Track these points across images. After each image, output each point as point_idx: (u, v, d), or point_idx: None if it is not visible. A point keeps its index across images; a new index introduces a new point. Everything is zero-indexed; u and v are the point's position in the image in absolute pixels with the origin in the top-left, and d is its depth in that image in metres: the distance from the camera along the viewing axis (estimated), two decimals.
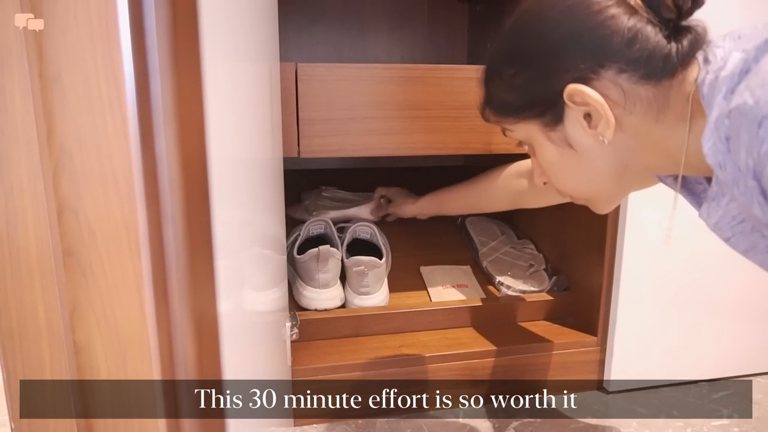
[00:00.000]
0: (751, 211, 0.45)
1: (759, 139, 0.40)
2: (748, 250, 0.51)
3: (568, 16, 0.50)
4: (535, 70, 0.52)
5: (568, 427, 0.87)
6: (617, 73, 0.49)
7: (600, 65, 0.49)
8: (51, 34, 0.31)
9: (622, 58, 0.48)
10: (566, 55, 0.50)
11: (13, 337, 0.36)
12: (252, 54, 0.54)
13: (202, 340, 0.36)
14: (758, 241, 0.50)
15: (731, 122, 0.42)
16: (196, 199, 0.35)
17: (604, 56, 0.48)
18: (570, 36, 0.50)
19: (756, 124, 0.40)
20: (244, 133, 0.50)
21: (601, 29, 0.48)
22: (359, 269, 0.95)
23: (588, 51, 0.49)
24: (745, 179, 0.42)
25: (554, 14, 0.51)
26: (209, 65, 0.35)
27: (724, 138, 0.43)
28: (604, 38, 0.48)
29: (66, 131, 0.32)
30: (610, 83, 0.49)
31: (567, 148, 0.54)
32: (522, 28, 0.54)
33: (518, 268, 1.10)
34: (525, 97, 0.54)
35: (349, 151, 0.85)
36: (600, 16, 0.48)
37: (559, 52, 0.50)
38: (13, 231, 0.35)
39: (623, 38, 0.48)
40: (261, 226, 0.60)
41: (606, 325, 0.95)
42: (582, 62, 0.49)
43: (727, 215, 0.49)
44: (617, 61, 0.48)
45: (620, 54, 0.48)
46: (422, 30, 1.49)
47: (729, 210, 0.49)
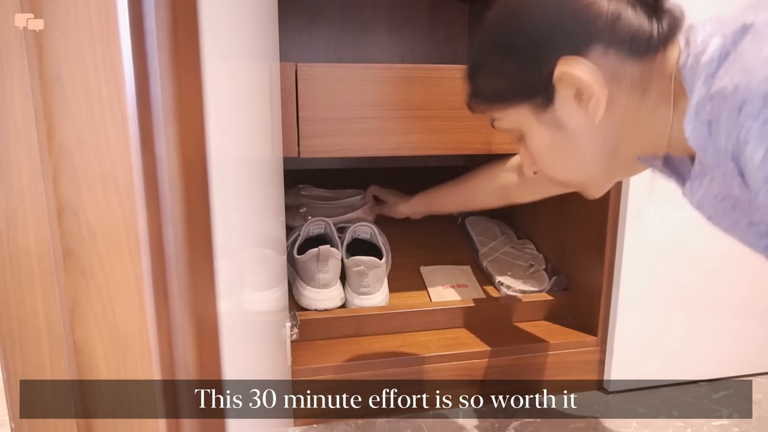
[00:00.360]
0: (731, 190, 0.46)
1: (738, 125, 0.40)
2: (730, 227, 0.52)
3: (550, 1, 0.51)
4: (523, 56, 0.53)
5: (568, 427, 0.87)
6: (605, 49, 0.50)
7: (587, 44, 0.50)
8: (51, 34, 0.31)
9: (607, 37, 0.49)
10: (553, 39, 0.51)
11: (13, 337, 0.36)
12: (252, 54, 0.54)
13: (202, 340, 0.36)
14: (739, 218, 0.50)
15: (712, 106, 0.43)
16: (196, 199, 0.35)
17: (589, 37, 0.50)
18: (555, 20, 0.51)
19: (736, 109, 0.40)
20: (244, 133, 0.50)
21: (585, 12, 0.49)
22: (359, 269, 0.95)
23: (574, 33, 0.50)
24: (725, 162, 0.43)
25: (536, 0, 0.52)
26: (209, 65, 0.35)
27: (705, 122, 0.43)
28: (588, 21, 0.49)
29: (66, 131, 0.32)
30: (597, 61, 0.50)
31: (558, 130, 0.55)
32: (507, 16, 0.55)
33: (518, 268, 1.10)
34: (514, 82, 0.55)
35: (349, 151, 0.85)
36: (581, 1, 0.50)
37: (546, 37, 0.51)
38: (13, 231, 0.35)
39: (607, 20, 0.49)
40: (261, 226, 0.60)
41: (606, 325, 0.95)
42: (568, 43, 0.50)
43: (709, 194, 0.50)
44: (602, 41, 0.49)
45: (605, 34, 0.49)
46: (422, 30, 1.49)
47: (710, 189, 0.49)
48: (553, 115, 0.54)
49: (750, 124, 0.39)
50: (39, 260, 0.35)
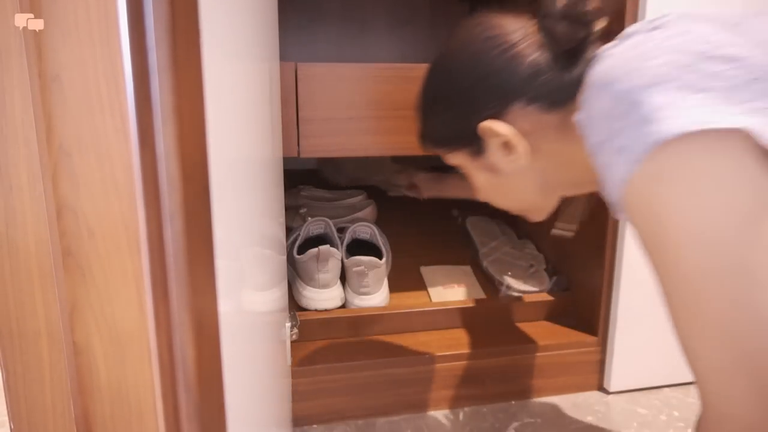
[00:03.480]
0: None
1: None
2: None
3: (476, 61, 0.56)
4: (455, 110, 0.59)
5: (569, 428, 0.87)
6: (525, 105, 0.55)
7: (508, 101, 0.55)
8: (51, 34, 0.31)
9: (527, 92, 0.54)
10: (478, 96, 0.56)
11: (13, 337, 0.36)
12: (252, 53, 0.54)
13: (201, 340, 0.36)
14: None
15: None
16: (196, 198, 0.35)
17: (510, 94, 0.55)
18: (479, 79, 0.56)
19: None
20: (244, 132, 0.50)
21: (506, 69, 0.54)
22: (359, 269, 0.94)
23: (496, 90, 0.55)
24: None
25: (465, 59, 0.57)
26: (209, 65, 0.35)
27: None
28: (509, 78, 0.54)
29: (65, 131, 0.32)
30: (520, 115, 0.55)
31: (492, 173, 0.61)
32: (440, 72, 0.61)
33: (518, 268, 1.09)
34: (451, 132, 0.61)
35: (349, 151, 0.85)
36: (503, 57, 0.54)
37: (472, 94, 0.57)
38: (12, 231, 0.35)
39: (527, 75, 0.54)
40: (261, 226, 0.60)
41: (606, 326, 0.95)
42: (492, 101, 0.56)
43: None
44: (523, 96, 0.54)
45: (525, 90, 0.54)
46: (422, 29, 1.49)
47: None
48: (487, 160, 0.60)
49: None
50: (38, 260, 0.35)
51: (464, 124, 0.58)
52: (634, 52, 0.44)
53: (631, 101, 0.41)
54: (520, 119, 0.55)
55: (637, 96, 0.41)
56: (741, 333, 0.40)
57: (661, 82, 0.40)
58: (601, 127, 0.44)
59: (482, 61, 0.55)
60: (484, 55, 0.55)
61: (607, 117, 0.44)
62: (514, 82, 0.54)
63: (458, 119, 0.59)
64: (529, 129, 0.55)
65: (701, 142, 0.39)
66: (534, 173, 0.59)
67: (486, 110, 0.56)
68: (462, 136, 0.59)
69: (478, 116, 0.57)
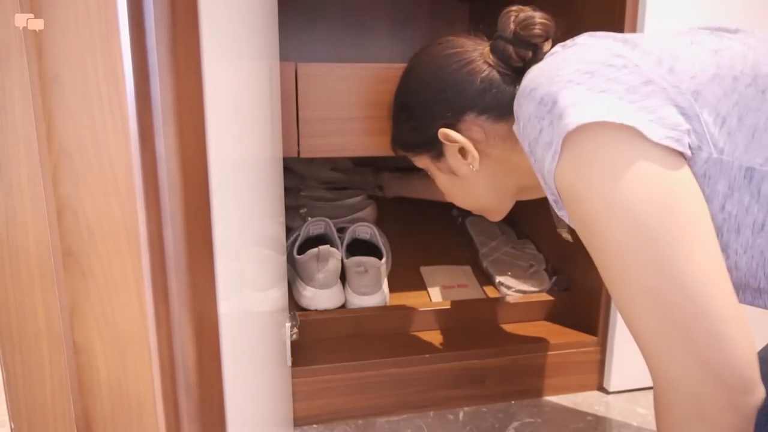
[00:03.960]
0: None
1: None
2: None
3: (436, 74, 0.64)
4: (417, 118, 0.67)
5: (568, 428, 0.87)
6: (477, 116, 0.62)
7: (462, 112, 0.63)
8: (51, 34, 0.31)
9: (479, 104, 0.62)
10: (436, 107, 0.64)
11: (13, 337, 0.36)
12: (252, 54, 0.54)
13: (202, 340, 0.36)
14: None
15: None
16: (196, 199, 0.35)
17: (464, 105, 0.62)
18: (438, 91, 0.64)
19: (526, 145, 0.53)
20: (244, 133, 0.50)
21: (462, 83, 0.62)
22: (359, 269, 0.94)
23: (452, 102, 0.63)
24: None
25: (426, 73, 0.66)
26: (209, 65, 0.35)
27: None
28: (464, 91, 0.62)
29: (65, 131, 0.32)
30: (472, 125, 0.63)
31: (452, 175, 0.69)
32: (406, 85, 0.69)
33: (518, 268, 1.09)
34: (414, 138, 0.69)
35: (349, 151, 0.85)
36: (460, 72, 0.62)
37: (431, 105, 0.65)
38: (12, 231, 0.35)
39: (479, 89, 0.61)
40: (261, 226, 0.60)
41: (606, 325, 0.95)
42: (448, 111, 0.63)
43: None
44: (475, 107, 0.62)
45: (477, 102, 0.62)
46: (422, 29, 1.48)
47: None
48: (447, 164, 0.68)
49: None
50: (38, 260, 0.35)
51: (425, 131, 0.66)
52: (552, 64, 0.51)
53: (550, 102, 0.48)
54: (472, 128, 0.63)
55: (553, 97, 0.48)
56: (669, 302, 0.44)
57: (570, 85, 0.47)
58: (533, 128, 0.50)
59: (441, 75, 0.64)
60: (443, 70, 0.63)
61: (534, 118, 0.50)
62: (468, 95, 0.62)
63: (420, 126, 0.67)
64: (479, 137, 0.63)
65: (601, 131, 0.45)
66: (486, 177, 0.67)
67: (443, 119, 0.64)
68: (424, 141, 0.68)
69: (436, 124, 0.64)
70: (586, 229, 0.49)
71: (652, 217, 0.44)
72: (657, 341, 0.45)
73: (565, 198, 0.50)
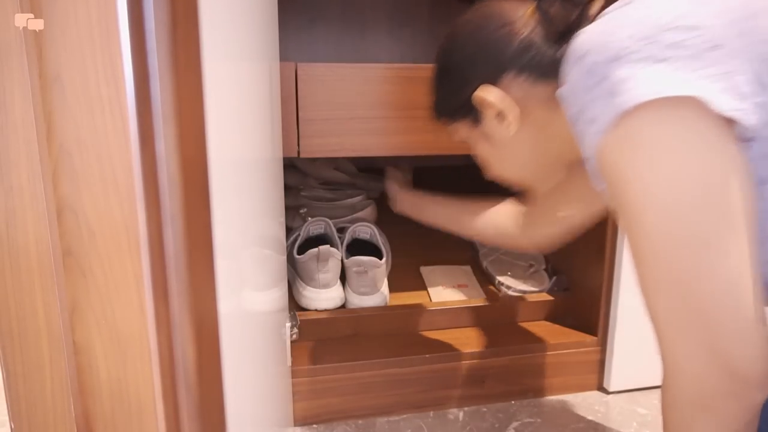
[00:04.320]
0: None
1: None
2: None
3: (474, 35, 0.62)
4: (455, 82, 0.64)
5: (569, 428, 0.87)
6: (515, 75, 0.59)
7: (500, 72, 0.60)
8: (51, 34, 0.31)
9: (517, 64, 0.59)
10: (474, 66, 0.61)
11: (13, 337, 0.36)
12: (252, 54, 0.54)
13: (202, 340, 0.36)
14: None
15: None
16: (196, 199, 0.35)
17: (502, 65, 0.59)
18: (476, 50, 0.61)
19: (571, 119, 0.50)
20: (244, 133, 0.50)
21: (501, 42, 0.59)
22: (359, 269, 0.95)
23: (491, 60, 0.60)
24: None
25: (465, 34, 0.63)
26: (209, 65, 0.35)
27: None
28: (501, 51, 0.59)
29: (65, 131, 0.32)
30: (511, 84, 0.60)
31: (490, 142, 0.65)
32: (445, 47, 0.66)
33: (518, 268, 1.10)
34: (452, 103, 0.66)
35: (349, 151, 0.85)
36: (499, 32, 0.59)
37: (469, 64, 0.62)
38: (12, 231, 0.35)
39: (517, 49, 0.58)
40: (261, 226, 0.60)
41: (606, 325, 0.95)
42: (486, 72, 0.60)
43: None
44: (514, 66, 0.59)
45: (515, 62, 0.59)
46: (422, 29, 1.48)
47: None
48: (484, 130, 0.64)
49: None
50: (38, 260, 0.35)
51: (463, 93, 0.63)
52: (604, 27, 0.47)
53: (599, 74, 0.45)
54: (511, 87, 0.60)
55: (604, 69, 0.44)
56: (695, 292, 0.43)
57: (624, 55, 0.43)
58: (577, 99, 0.48)
59: (479, 35, 0.61)
60: (482, 30, 0.61)
61: (580, 89, 0.47)
62: (506, 55, 0.59)
63: (457, 91, 0.64)
64: (519, 97, 0.60)
65: (656, 110, 0.42)
66: (525, 143, 0.63)
67: (480, 79, 0.61)
68: (461, 107, 0.64)
69: (474, 85, 0.61)
70: (623, 210, 0.47)
71: (693, 209, 0.42)
72: (676, 330, 0.45)
73: (605, 176, 0.48)
